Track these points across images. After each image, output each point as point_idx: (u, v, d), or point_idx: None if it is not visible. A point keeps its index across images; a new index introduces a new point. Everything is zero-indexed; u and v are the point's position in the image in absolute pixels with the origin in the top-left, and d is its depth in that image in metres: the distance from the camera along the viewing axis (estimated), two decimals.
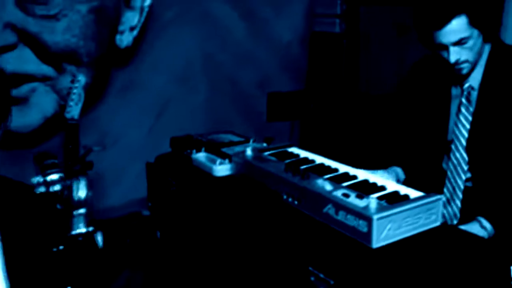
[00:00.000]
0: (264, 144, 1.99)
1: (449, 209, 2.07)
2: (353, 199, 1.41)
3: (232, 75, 3.78)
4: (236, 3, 3.70)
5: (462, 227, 1.85)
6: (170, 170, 1.99)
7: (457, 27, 1.84)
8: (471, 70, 1.95)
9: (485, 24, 1.86)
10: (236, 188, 1.75)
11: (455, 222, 2.05)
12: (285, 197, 1.60)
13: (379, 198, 1.44)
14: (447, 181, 2.07)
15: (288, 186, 1.58)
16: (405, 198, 1.45)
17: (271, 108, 3.93)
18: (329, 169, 1.69)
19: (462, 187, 2.03)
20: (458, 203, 2.04)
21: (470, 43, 1.87)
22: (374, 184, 1.56)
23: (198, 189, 1.85)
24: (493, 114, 1.95)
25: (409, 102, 2.23)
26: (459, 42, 1.86)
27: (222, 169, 1.84)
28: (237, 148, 1.99)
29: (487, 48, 1.98)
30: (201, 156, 1.96)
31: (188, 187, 1.88)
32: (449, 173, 2.06)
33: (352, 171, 1.67)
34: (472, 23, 1.84)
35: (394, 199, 1.44)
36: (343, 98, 3.77)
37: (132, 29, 2.81)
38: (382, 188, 1.53)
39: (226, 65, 3.74)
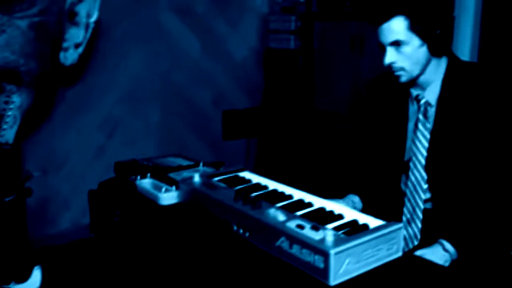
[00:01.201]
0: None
1: (409, 230, 1.93)
2: (308, 231, 1.26)
3: (186, 93, 3.62)
4: (189, 19, 3.55)
5: (424, 250, 1.72)
6: (113, 198, 1.80)
7: (394, 27, 1.73)
8: (413, 80, 1.83)
9: (427, 35, 1.75)
10: (182, 218, 1.57)
11: (415, 243, 1.92)
12: (235, 228, 1.43)
13: (336, 228, 1.30)
14: (406, 201, 1.94)
15: (238, 216, 1.42)
16: (364, 228, 1.30)
17: (227, 126, 3.77)
18: (283, 196, 1.53)
19: (422, 206, 1.90)
20: (419, 223, 1.91)
21: (407, 49, 1.75)
22: (331, 212, 1.41)
23: (142, 219, 1.67)
24: (451, 131, 1.83)
25: (365, 123, 2.10)
26: (396, 44, 1.75)
27: (168, 197, 1.66)
28: (185, 173, 1.82)
29: (443, 64, 1.87)
30: (146, 182, 1.77)
31: (132, 216, 1.70)
32: (408, 192, 1.93)
33: (307, 197, 1.52)
34: (412, 28, 1.73)
35: (353, 229, 1.30)
36: (299, 115, 3.64)
37: (77, 46, 2.60)
38: (340, 217, 1.38)
39: (179, 83, 3.58)
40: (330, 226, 1.31)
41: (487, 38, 2.99)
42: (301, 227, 1.27)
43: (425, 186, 1.89)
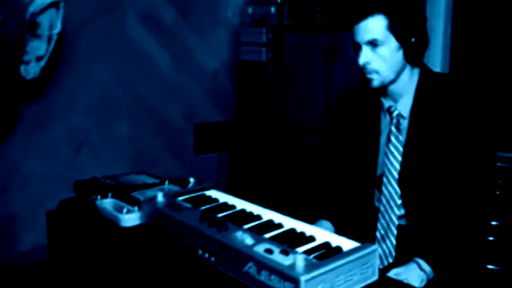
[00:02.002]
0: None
1: (384, 246, 1.84)
2: (277, 256, 1.15)
3: (156, 107, 3.49)
4: (158, 31, 3.44)
5: (400, 269, 1.64)
6: (72, 219, 1.68)
7: (373, 26, 1.66)
8: (384, 88, 1.76)
9: (405, 37, 1.68)
10: (145, 241, 1.45)
11: (390, 260, 1.83)
12: (200, 252, 1.32)
13: (307, 252, 1.20)
14: (380, 217, 1.85)
15: (204, 239, 1.31)
16: (338, 251, 1.21)
17: (198, 140, 3.66)
18: (251, 217, 1.43)
19: (396, 222, 1.82)
20: (393, 240, 1.82)
21: (383, 50, 1.68)
22: (302, 234, 1.31)
23: (102, 241, 1.54)
24: (424, 144, 1.76)
25: (338, 138, 2.02)
26: (372, 43, 1.68)
27: (129, 218, 1.54)
28: (150, 192, 1.70)
29: (416, 74, 1.80)
30: (107, 202, 1.65)
31: (92, 239, 1.57)
32: (382, 208, 1.84)
33: (277, 217, 1.41)
34: (391, 29, 1.66)
35: (325, 253, 1.20)
36: (271, 128, 3.55)
37: (39, 59, 2.48)
38: (311, 239, 1.28)
39: (149, 96, 3.45)
40: (301, 249, 1.21)
41: (458, 49, 2.95)
42: (269, 251, 1.17)
43: (399, 202, 1.81)
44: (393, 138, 1.80)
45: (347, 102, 1.99)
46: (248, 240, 1.23)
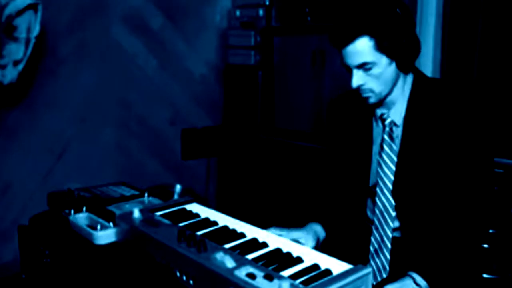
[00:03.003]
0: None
1: (377, 261, 1.72)
2: (260, 281, 1.03)
3: (142, 112, 3.36)
4: (144, 36, 3.31)
5: (394, 285, 1.51)
6: (44, 236, 1.54)
7: (360, 49, 1.53)
8: (382, 101, 1.64)
9: (395, 50, 1.56)
10: (120, 261, 1.32)
11: (384, 275, 1.70)
12: (178, 274, 1.19)
13: (294, 276, 1.07)
14: (374, 230, 1.73)
15: (182, 260, 1.18)
16: (327, 274, 1.08)
17: (186, 146, 3.52)
18: (234, 235, 1.30)
19: (390, 236, 1.69)
20: (387, 254, 1.70)
21: (375, 70, 1.56)
22: (288, 255, 1.18)
23: (75, 260, 1.41)
24: (418, 153, 1.64)
25: (328, 145, 1.90)
26: (362, 67, 1.55)
27: (104, 235, 1.41)
28: (127, 206, 1.57)
29: (409, 81, 1.68)
30: (80, 217, 1.52)
31: (64, 258, 1.44)
32: (375, 220, 1.72)
33: (261, 236, 1.28)
34: (379, 47, 1.54)
35: (313, 277, 1.07)
36: (259, 133, 3.42)
37: (16, 63, 2.34)
38: (298, 260, 1.15)
39: (135, 102, 3.32)
40: (287, 272, 1.09)
41: (449, 53, 2.84)
42: (252, 276, 1.04)
43: (393, 214, 1.68)
44: (386, 147, 1.68)
45: (337, 108, 1.87)
46: (229, 263, 1.10)
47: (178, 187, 3.31)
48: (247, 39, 3.48)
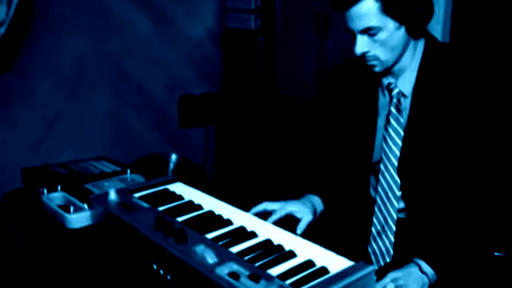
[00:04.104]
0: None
1: (380, 243, 1.56)
2: (244, 283, 0.86)
3: (137, 78, 3.16)
4: None
5: (398, 273, 1.35)
6: (15, 217, 1.38)
7: (364, 12, 1.34)
8: (389, 70, 1.45)
9: (404, 14, 1.36)
10: (92, 249, 1.16)
11: (387, 260, 1.54)
12: (155, 267, 1.03)
13: (284, 275, 0.90)
14: (377, 210, 1.56)
15: (158, 252, 1.01)
16: (323, 273, 0.91)
17: (183, 114, 3.35)
18: (219, 222, 1.13)
19: (395, 217, 1.52)
20: (391, 236, 1.54)
21: (381, 36, 1.36)
22: (279, 248, 1.01)
23: (46, 246, 1.25)
24: (428, 127, 1.45)
25: (330, 115, 1.72)
26: (368, 31, 1.36)
27: (77, 219, 1.24)
28: (107, 184, 1.41)
29: (420, 47, 1.48)
30: (54, 197, 1.35)
31: (35, 242, 1.28)
32: (378, 200, 1.55)
33: (250, 223, 1.11)
34: (386, 10, 1.34)
35: (306, 277, 0.90)
36: (260, 101, 3.23)
37: None
38: (290, 255, 0.98)
39: (129, 67, 3.11)
40: (277, 270, 0.92)
41: (460, 15, 2.61)
42: (235, 276, 0.88)
43: (398, 193, 1.51)
44: (392, 120, 1.49)
45: (340, 76, 1.68)
46: (210, 258, 0.94)
47: (173, 157, 3.15)
48: (247, 2, 3.24)
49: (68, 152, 2.75)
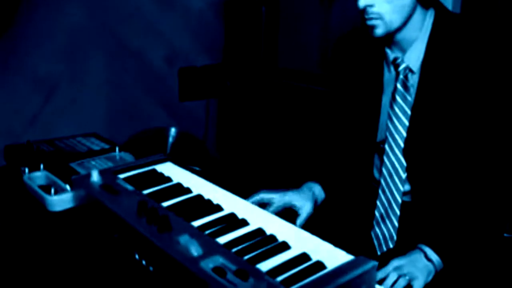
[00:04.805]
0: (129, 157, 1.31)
1: (384, 228, 1.47)
2: (231, 279, 0.77)
3: (136, 49, 3.03)
4: None
5: (402, 260, 1.26)
6: None
7: None
8: (390, 35, 1.33)
9: None
10: (73, 235, 1.08)
11: (391, 245, 1.45)
12: (137, 256, 0.94)
13: (275, 270, 0.81)
14: (380, 193, 1.46)
15: (140, 240, 0.92)
16: (318, 269, 0.82)
17: (183, 86, 3.23)
18: (208, 207, 1.03)
19: (399, 200, 1.43)
20: (395, 221, 1.44)
21: None
22: (271, 239, 0.91)
23: (26, 230, 1.16)
24: (437, 106, 1.34)
25: (332, 90, 1.61)
26: None
27: (58, 201, 1.15)
28: (93, 162, 1.31)
29: (429, 18, 1.36)
30: (36, 177, 1.26)
31: (15, 226, 1.19)
32: (382, 182, 1.45)
33: (241, 209, 1.02)
34: None
35: (300, 273, 0.81)
36: (262, 74, 3.11)
37: None
38: (284, 247, 0.88)
39: (128, 37, 2.99)
40: (267, 264, 0.83)
41: None
42: (221, 272, 0.79)
43: (403, 175, 1.41)
44: (398, 98, 1.38)
45: (343, 49, 1.56)
46: (195, 249, 0.84)
47: (173, 130, 3.05)
48: None
49: (64, 126, 2.66)
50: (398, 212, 1.42)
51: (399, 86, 1.38)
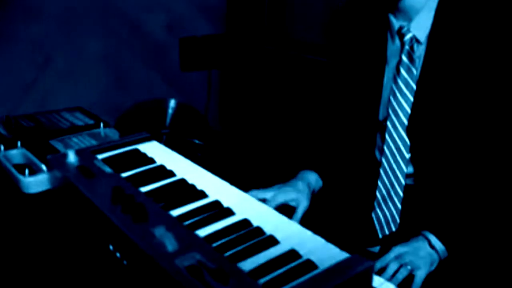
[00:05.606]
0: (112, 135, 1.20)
1: (386, 211, 1.36)
2: (208, 281, 0.67)
3: (134, 17, 2.90)
4: None
5: (404, 248, 1.16)
6: None
7: None
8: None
9: None
10: (46, 221, 0.98)
11: (393, 228, 1.35)
12: (111, 247, 0.85)
13: (259, 269, 0.71)
14: (382, 173, 1.35)
15: (114, 231, 0.83)
16: (308, 269, 0.72)
17: (185, 56, 3.11)
18: (191, 194, 0.92)
19: (403, 182, 1.32)
20: (398, 203, 1.34)
21: None
22: (258, 231, 0.81)
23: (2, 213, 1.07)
24: (445, 80, 1.21)
25: (334, 60, 1.48)
26: None
27: (33, 182, 1.05)
28: (76, 140, 1.21)
29: None
30: (13, 155, 1.16)
31: None
32: (384, 162, 1.34)
33: (228, 196, 0.91)
34: None
35: (287, 273, 0.71)
36: (266, 44, 2.97)
37: None
38: (271, 241, 0.78)
39: (126, 5, 2.85)
40: (251, 263, 0.73)
41: None
42: (197, 272, 0.69)
43: (407, 156, 1.30)
44: (403, 71, 1.25)
45: (346, 16, 1.43)
46: (171, 244, 0.74)
47: (172, 102, 2.92)
48: None
49: (60, 97, 2.56)
50: (401, 194, 1.32)
51: (404, 57, 1.25)
